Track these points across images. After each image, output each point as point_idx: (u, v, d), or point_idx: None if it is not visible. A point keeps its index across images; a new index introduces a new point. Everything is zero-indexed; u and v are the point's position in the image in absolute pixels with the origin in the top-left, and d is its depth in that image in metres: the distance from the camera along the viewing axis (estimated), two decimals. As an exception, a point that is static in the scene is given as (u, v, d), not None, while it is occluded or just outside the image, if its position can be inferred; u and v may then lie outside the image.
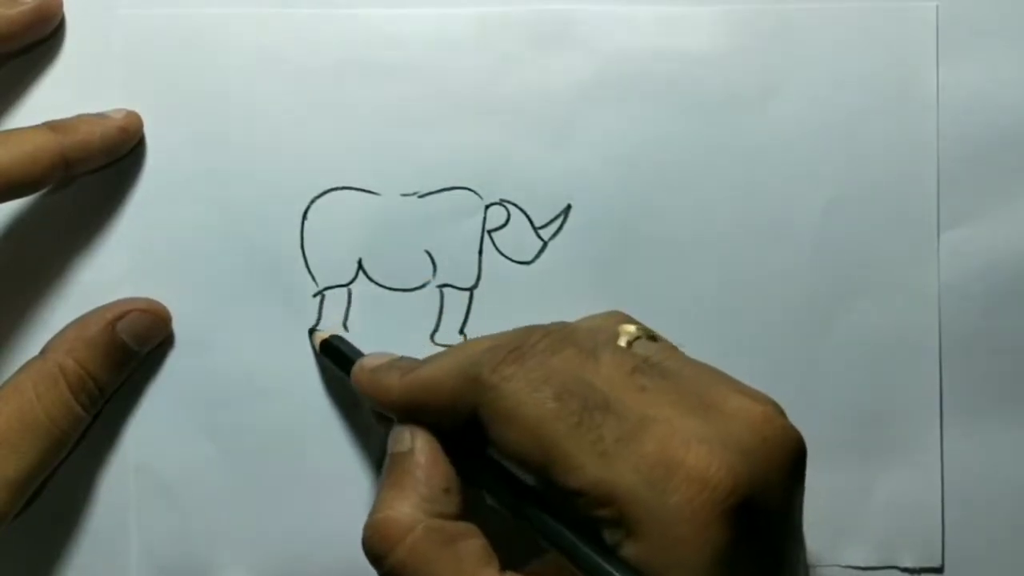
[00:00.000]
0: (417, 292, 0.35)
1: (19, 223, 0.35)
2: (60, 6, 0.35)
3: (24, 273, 0.35)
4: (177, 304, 0.35)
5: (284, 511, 0.35)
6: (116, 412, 0.35)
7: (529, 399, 0.26)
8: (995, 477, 0.35)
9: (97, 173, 0.35)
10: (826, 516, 0.35)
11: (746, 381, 0.27)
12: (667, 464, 0.24)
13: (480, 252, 0.36)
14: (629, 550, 0.24)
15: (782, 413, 0.26)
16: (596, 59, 0.35)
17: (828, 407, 0.35)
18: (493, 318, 0.35)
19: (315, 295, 0.35)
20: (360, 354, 0.33)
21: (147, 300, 0.35)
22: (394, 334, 0.35)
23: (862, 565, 0.35)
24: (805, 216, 0.35)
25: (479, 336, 0.29)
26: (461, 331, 0.35)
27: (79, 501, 0.35)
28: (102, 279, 0.35)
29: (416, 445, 0.28)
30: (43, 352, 0.33)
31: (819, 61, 0.35)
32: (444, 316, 0.35)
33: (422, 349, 0.35)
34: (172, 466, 0.35)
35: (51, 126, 0.33)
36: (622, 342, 0.28)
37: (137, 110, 0.35)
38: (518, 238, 0.35)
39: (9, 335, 0.35)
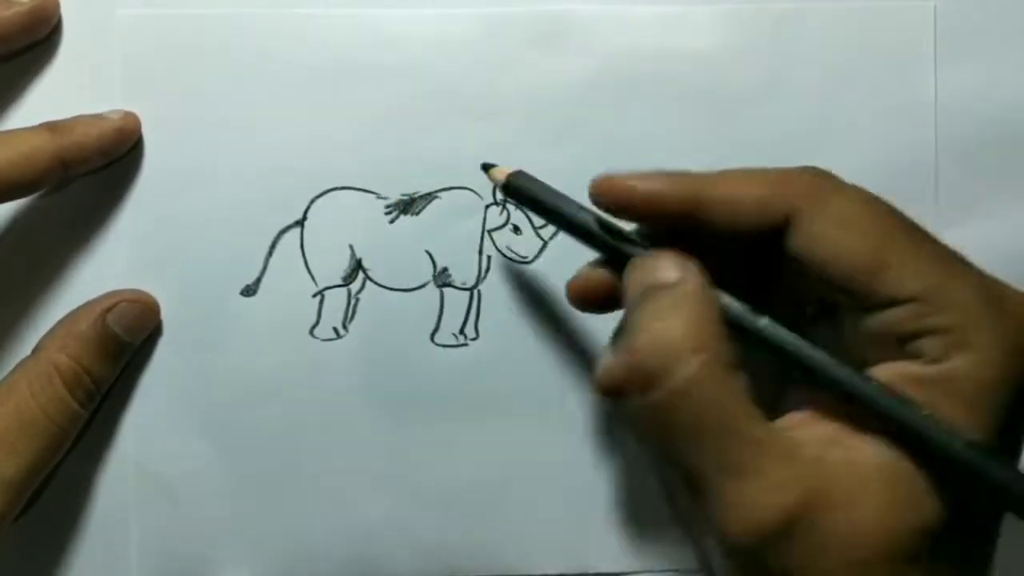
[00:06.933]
0: (417, 292, 0.35)
1: (17, 224, 0.35)
2: (56, 8, 0.35)
3: (23, 274, 0.35)
4: (176, 304, 0.35)
5: (284, 511, 0.35)
6: (116, 412, 0.35)
7: (868, 202, 0.26)
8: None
9: (95, 174, 0.35)
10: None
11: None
12: (997, 291, 0.25)
13: (480, 251, 0.36)
14: (957, 361, 0.24)
15: None
16: (595, 59, 0.35)
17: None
18: (494, 318, 0.35)
19: (315, 295, 0.35)
20: (549, 187, 0.30)
21: (134, 290, 0.35)
22: (394, 334, 0.35)
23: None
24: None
25: None
26: (461, 331, 0.35)
27: (79, 501, 0.35)
28: (100, 280, 0.35)
29: (687, 275, 0.26)
30: (35, 351, 0.33)
31: (817, 60, 0.35)
32: (444, 316, 0.35)
33: (422, 349, 0.35)
34: (172, 466, 0.35)
35: (48, 127, 0.33)
36: None
37: (135, 111, 0.35)
38: (518, 237, 0.35)
39: (7, 336, 0.35)
